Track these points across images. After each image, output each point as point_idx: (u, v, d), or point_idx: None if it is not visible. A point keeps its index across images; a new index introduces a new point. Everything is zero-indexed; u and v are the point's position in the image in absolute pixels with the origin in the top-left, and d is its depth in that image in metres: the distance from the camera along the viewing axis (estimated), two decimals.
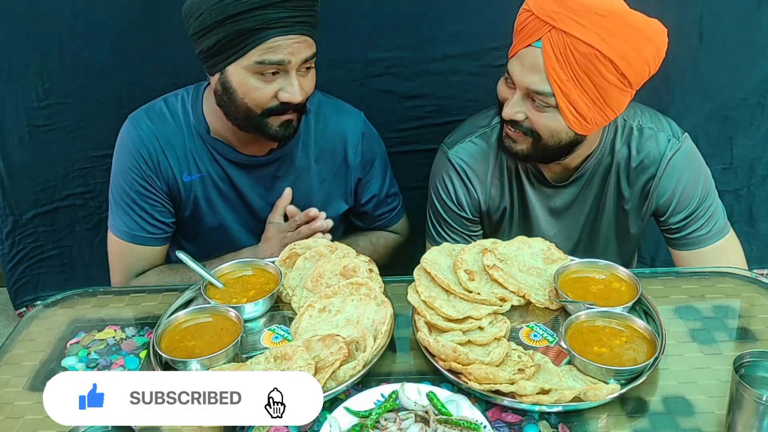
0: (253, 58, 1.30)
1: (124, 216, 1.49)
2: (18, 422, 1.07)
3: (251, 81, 1.33)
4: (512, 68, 1.34)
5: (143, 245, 1.51)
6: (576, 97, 1.30)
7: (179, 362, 1.12)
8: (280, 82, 1.34)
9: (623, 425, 1.02)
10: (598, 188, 1.53)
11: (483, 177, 1.54)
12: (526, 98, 1.35)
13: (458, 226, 1.58)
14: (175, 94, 1.52)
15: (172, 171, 1.49)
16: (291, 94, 1.34)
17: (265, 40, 1.28)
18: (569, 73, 1.28)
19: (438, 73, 1.90)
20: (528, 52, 1.30)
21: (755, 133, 2.04)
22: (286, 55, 1.30)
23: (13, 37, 1.81)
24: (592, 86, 1.29)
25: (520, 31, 1.32)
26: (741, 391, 0.92)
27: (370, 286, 1.23)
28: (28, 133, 1.93)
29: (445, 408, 1.02)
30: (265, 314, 1.29)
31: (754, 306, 1.28)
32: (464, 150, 1.54)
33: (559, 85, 1.29)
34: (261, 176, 1.54)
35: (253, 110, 1.36)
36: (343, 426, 1.00)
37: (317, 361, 1.08)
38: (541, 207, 1.56)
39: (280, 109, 1.36)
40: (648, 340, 1.11)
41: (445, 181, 1.55)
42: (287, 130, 1.41)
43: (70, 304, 1.36)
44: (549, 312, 1.25)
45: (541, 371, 1.08)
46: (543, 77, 1.29)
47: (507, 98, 1.38)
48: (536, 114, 1.34)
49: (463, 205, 1.56)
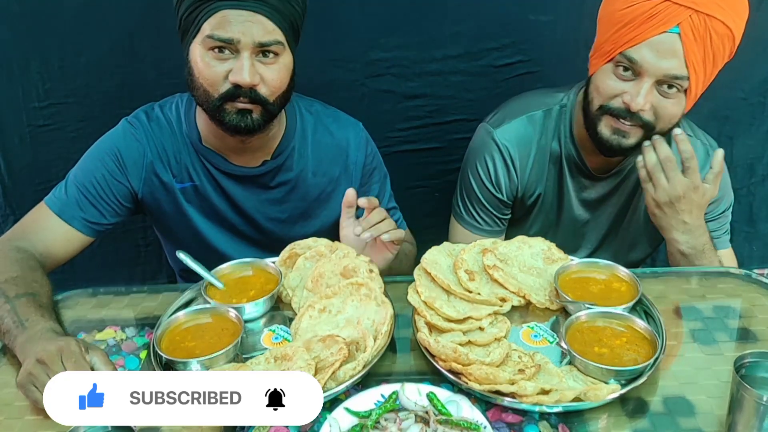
0: (206, 32, 1.28)
1: (68, 191, 1.43)
2: (18, 422, 1.07)
3: (206, 59, 1.30)
4: (641, 56, 1.32)
5: (64, 221, 1.41)
6: (701, 77, 1.32)
7: (179, 363, 1.12)
8: (232, 62, 1.30)
9: (624, 425, 1.02)
10: (635, 182, 1.53)
11: (525, 161, 1.54)
12: (653, 86, 1.33)
13: (491, 207, 1.58)
14: (170, 101, 1.50)
15: (160, 180, 1.46)
16: (239, 74, 1.28)
17: (214, 11, 1.26)
18: (702, 53, 1.30)
19: (438, 73, 1.90)
20: (664, 38, 1.30)
21: (755, 132, 2.04)
22: (236, 34, 1.26)
23: (14, 37, 1.81)
24: (713, 63, 1.32)
25: (649, 20, 1.30)
26: (741, 391, 0.92)
27: (371, 286, 1.23)
28: (29, 133, 1.93)
29: (445, 408, 1.01)
30: (265, 315, 1.29)
31: (755, 306, 1.28)
32: (510, 131, 1.53)
33: (695, 67, 1.30)
34: (254, 187, 1.51)
35: (209, 93, 1.32)
36: (343, 426, 1.00)
37: (317, 361, 1.08)
38: (576, 196, 1.56)
39: (233, 93, 1.31)
40: (648, 340, 1.11)
41: (487, 161, 1.55)
42: (244, 120, 1.34)
43: (70, 304, 1.36)
44: (549, 312, 1.25)
45: (542, 371, 1.08)
46: (681, 62, 1.30)
47: (624, 90, 1.35)
48: (663, 101, 1.34)
49: (502, 188, 1.56)
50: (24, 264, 1.30)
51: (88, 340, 1.24)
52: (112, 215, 1.46)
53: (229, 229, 1.56)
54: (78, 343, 1.09)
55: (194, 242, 1.53)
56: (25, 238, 1.39)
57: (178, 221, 1.53)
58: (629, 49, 1.33)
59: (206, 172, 1.48)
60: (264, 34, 1.29)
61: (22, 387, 1.06)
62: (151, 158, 1.46)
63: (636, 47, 1.32)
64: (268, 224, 1.56)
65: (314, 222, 1.58)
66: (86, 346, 1.10)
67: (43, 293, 1.26)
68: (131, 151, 1.45)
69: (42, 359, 1.05)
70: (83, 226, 1.43)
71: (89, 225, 1.44)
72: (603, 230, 1.60)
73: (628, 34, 1.32)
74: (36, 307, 1.20)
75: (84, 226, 1.43)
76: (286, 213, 1.55)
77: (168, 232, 1.59)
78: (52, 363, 1.04)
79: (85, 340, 1.18)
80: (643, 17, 1.31)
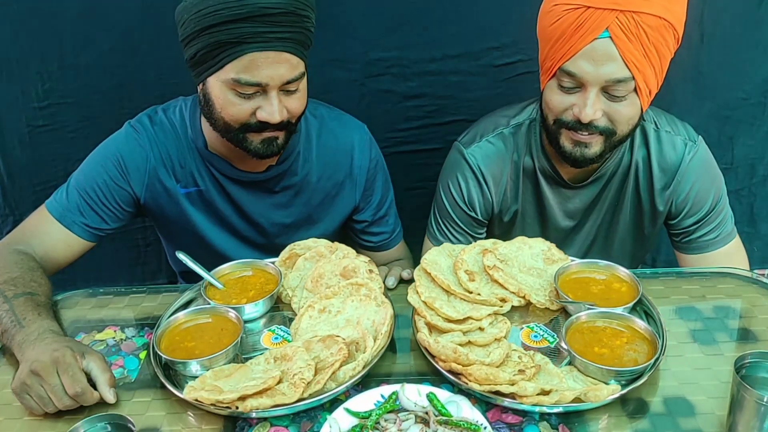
0: (230, 74, 1.24)
1: (70, 196, 1.43)
2: (18, 422, 1.07)
3: (229, 96, 1.27)
4: (578, 68, 1.29)
5: (64, 226, 1.41)
6: (649, 73, 1.29)
7: (179, 363, 1.12)
8: (258, 100, 1.28)
9: (624, 426, 1.02)
10: (616, 189, 1.52)
11: (498, 178, 1.53)
12: (600, 93, 1.31)
13: (464, 226, 1.57)
14: (174, 105, 1.48)
15: (163, 186, 1.45)
16: (269, 114, 1.27)
17: (240, 54, 1.23)
18: (642, 51, 1.27)
19: (438, 73, 1.90)
20: (596, 45, 1.27)
21: (756, 133, 2.04)
22: (264, 78, 1.24)
23: (13, 37, 1.80)
24: (657, 57, 1.28)
25: (576, 31, 1.28)
26: (742, 391, 0.92)
27: (370, 286, 1.23)
28: (28, 133, 1.93)
29: (445, 409, 1.01)
30: (265, 315, 1.29)
31: (755, 306, 1.27)
32: (481, 150, 1.51)
33: (636, 66, 1.27)
34: (260, 192, 1.50)
35: (230, 125, 1.31)
36: (343, 427, 1.00)
37: (317, 361, 1.08)
38: (558, 208, 1.54)
39: (258, 126, 1.30)
40: (649, 340, 1.11)
41: (459, 181, 1.54)
42: (270, 148, 1.34)
43: (70, 304, 1.36)
44: (549, 312, 1.25)
45: (542, 372, 1.07)
46: (620, 64, 1.27)
47: (571, 103, 1.33)
48: (614, 106, 1.32)
49: (475, 207, 1.55)
50: (23, 265, 1.30)
51: (87, 341, 1.24)
52: (113, 220, 1.46)
53: (234, 234, 1.55)
54: (73, 353, 1.08)
55: (198, 246, 1.52)
56: (25, 242, 1.38)
57: (182, 225, 1.52)
58: (565, 63, 1.30)
59: (211, 177, 1.47)
60: (290, 71, 1.27)
61: (16, 394, 1.06)
62: (154, 164, 1.44)
63: (571, 60, 1.29)
64: (272, 229, 1.55)
65: (318, 226, 1.58)
66: (83, 350, 1.10)
67: (41, 292, 1.25)
68: (134, 157, 1.43)
69: (36, 371, 1.04)
70: (84, 231, 1.43)
71: (90, 230, 1.43)
72: (590, 237, 1.59)
73: (561, 49, 1.31)
74: (34, 306, 1.20)
75: (84, 232, 1.43)
76: (291, 217, 1.55)
77: (171, 235, 1.58)
78: (47, 375, 1.04)
79: (82, 342, 1.18)
80: (571, 29, 1.28)
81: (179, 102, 1.49)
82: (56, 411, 1.05)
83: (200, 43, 1.24)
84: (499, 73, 1.90)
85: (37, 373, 1.04)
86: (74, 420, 1.01)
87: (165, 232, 1.60)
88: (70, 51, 1.83)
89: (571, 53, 1.28)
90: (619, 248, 1.59)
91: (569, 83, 1.32)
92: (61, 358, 1.06)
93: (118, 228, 1.48)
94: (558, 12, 1.30)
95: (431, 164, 2.03)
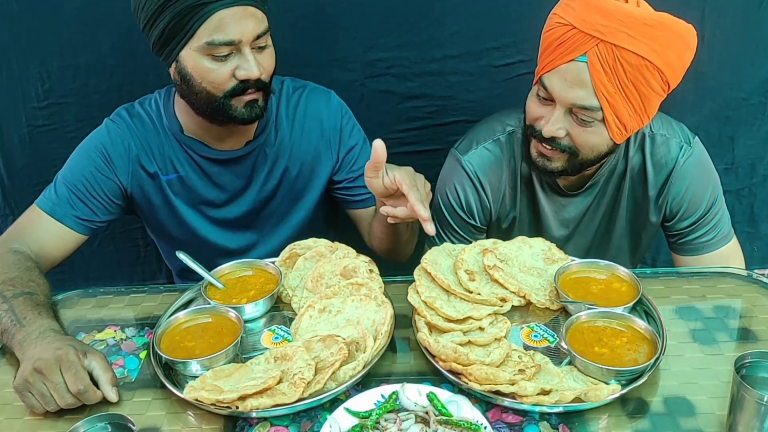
0: (203, 38, 1.27)
1: (58, 191, 1.44)
2: (18, 422, 1.07)
3: (205, 63, 1.30)
4: (551, 84, 1.29)
5: (56, 219, 1.42)
6: (622, 108, 1.28)
7: (179, 363, 1.12)
8: (235, 60, 1.31)
9: (624, 426, 1.02)
10: (611, 196, 1.52)
11: (496, 185, 1.53)
12: (567, 114, 1.31)
13: (463, 232, 1.57)
14: (150, 98, 1.52)
15: (147, 173, 1.48)
16: (247, 70, 1.31)
17: (209, 15, 1.26)
18: (617, 85, 1.25)
19: (438, 73, 1.90)
20: (571, 67, 1.26)
21: (756, 133, 2.04)
22: (236, 34, 1.27)
23: (13, 37, 1.80)
24: (636, 95, 1.27)
25: (559, 46, 1.27)
26: (742, 391, 0.92)
27: (371, 286, 1.23)
28: (28, 133, 1.93)
29: (445, 409, 1.01)
30: (265, 315, 1.29)
31: (755, 306, 1.27)
32: (478, 157, 1.51)
33: (607, 98, 1.26)
34: (240, 168, 1.52)
35: (213, 94, 1.34)
36: (344, 427, 1.00)
37: (317, 361, 1.08)
38: (553, 216, 1.54)
39: (241, 88, 1.33)
40: (649, 340, 1.11)
41: (457, 188, 1.54)
42: (253, 110, 1.37)
43: (70, 304, 1.36)
44: (549, 312, 1.25)
45: (542, 372, 1.07)
46: (590, 92, 1.26)
47: (541, 115, 1.34)
48: (578, 129, 1.31)
49: (474, 213, 1.55)
50: (20, 265, 1.31)
51: (87, 340, 1.24)
52: (103, 213, 1.48)
53: (217, 216, 1.57)
54: (76, 351, 1.08)
55: (184, 234, 1.55)
56: (20, 239, 1.40)
57: (167, 214, 1.54)
58: (544, 75, 1.31)
59: (191, 160, 1.50)
60: (258, 25, 1.31)
61: (18, 392, 1.06)
62: (136, 152, 1.47)
63: (549, 73, 1.30)
64: (256, 206, 1.57)
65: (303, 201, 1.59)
66: (85, 349, 1.10)
67: (40, 292, 1.26)
68: (116, 147, 1.46)
69: (39, 369, 1.04)
70: (75, 223, 1.44)
71: (81, 222, 1.45)
72: (585, 247, 1.59)
73: (545, 59, 1.31)
74: (33, 305, 1.20)
75: (76, 224, 1.44)
76: (273, 191, 1.56)
77: (159, 227, 1.59)
78: (50, 372, 1.04)
79: (84, 341, 1.18)
80: (556, 43, 1.28)
81: (154, 95, 1.53)
82: (58, 409, 1.05)
83: (168, 16, 1.27)
84: (499, 74, 1.89)
85: (40, 371, 1.04)
86: (74, 420, 1.01)
87: (153, 224, 1.60)
88: (70, 51, 1.83)
89: (551, 67, 1.29)
90: (615, 255, 1.58)
91: (543, 95, 1.33)
92: (64, 356, 1.06)
93: (108, 222, 1.51)
94: (552, 22, 1.31)
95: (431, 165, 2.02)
